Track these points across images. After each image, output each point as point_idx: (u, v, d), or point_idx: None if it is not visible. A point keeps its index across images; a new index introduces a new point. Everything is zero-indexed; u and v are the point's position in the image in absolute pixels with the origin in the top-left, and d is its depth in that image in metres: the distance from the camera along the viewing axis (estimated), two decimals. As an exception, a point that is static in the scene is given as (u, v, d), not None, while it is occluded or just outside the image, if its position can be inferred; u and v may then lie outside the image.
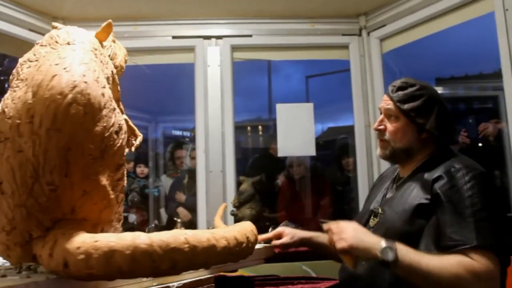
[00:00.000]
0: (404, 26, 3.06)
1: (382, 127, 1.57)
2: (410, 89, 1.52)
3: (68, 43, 1.16)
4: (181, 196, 4.18)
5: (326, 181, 4.31)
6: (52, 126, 0.98)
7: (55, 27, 1.26)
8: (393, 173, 1.71)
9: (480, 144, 3.44)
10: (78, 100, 1.00)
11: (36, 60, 1.09)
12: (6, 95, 1.06)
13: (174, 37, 3.26)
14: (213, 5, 3.11)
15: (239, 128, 3.93)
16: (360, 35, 3.30)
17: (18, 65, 1.12)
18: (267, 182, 3.64)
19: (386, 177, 1.76)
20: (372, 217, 1.57)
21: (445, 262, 1.25)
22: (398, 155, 1.56)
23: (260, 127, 6.03)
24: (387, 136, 1.55)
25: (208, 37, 3.24)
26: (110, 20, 1.29)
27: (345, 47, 3.31)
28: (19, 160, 0.98)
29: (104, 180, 1.08)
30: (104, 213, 1.12)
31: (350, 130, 3.59)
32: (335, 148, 5.37)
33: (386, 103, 1.57)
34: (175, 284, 1.19)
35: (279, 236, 1.76)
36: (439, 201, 1.35)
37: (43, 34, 3.02)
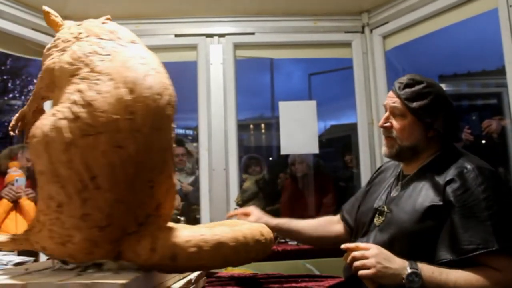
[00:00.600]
0: (407, 23, 3.05)
1: (388, 124, 1.54)
2: (417, 87, 1.48)
3: (132, 42, 1.16)
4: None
5: (328, 179, 4.31)
6: (153, 125, 1.00)
7: (47, 12, 1.26)
8: (394, 169, 1.68)
9: (483, 141, 3.43)
10: (171, 102, 1.05)
11: (108, 54, 1.08)
12: (83, 87, 1.02)
13: (176, 36, 3.26)
14: (215, 3, 3.11)
15: (241, 126, 3.93)
16: (363, 32, 3.29)
17: (82, 55, 1.07)
18: (270, 181, 3.65)
19: (386, 173, 1.73)
20: (377, 215, 1.54)
21: (472, 279, 1.26)
22: (405, 153, 1.53)
23: (262, 125, 6.04)
24: (394, 133, 1.53)
25: (210, 35, 3.24)
26: (108, 16, 1.28)
27: (348, 44, 3.31)
28: (120, 155, 0.97)
29: (175, 179, 1.14)
30: (172, 210, 1.18)
31: (352, 127, 3.58)
32: (337, 145, 5.36)
33: (392, 100, 1.53)
34: (192, 277, 1.23)
35: (246, 215, 1.74)
36: (453, 205, 1.34)
37: (46, 33, 3.04)
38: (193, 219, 3.58)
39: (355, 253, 1.32)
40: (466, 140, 3.33)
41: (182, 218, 2.85)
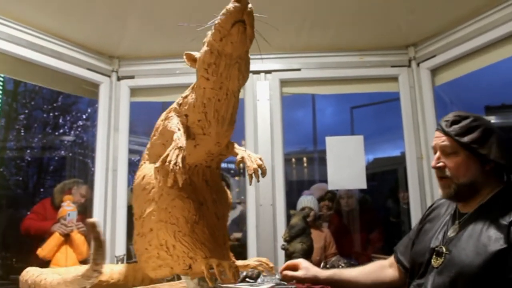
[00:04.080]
0: (455, 56, 3.00)
1: (441, 164, 1.49)
2: (464, 122, 1.45)
3: None
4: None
5: (375, 214, 4.22)
6: None
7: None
8: (449, 206, 1.61)
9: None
10: None
11: None
12: None
13: (224, 73, 3.31)
14: (261, 40, 3.15)
15: (284, 160, 3.90)
16: (409, 66, 3.27)
17: None
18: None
19: (440, 210, 1.66)
20: (434, 256, 1.47)
21: None
22: (463, 192, 1.46)
23: (305, 159, 6.02)
24: (448, 173, 1.47)
25: (257, 72, 3.28)
26: None
27: (394, 78, 3.28)
28: None
29: None
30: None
31: (398, 161, 3.52)
32: (382, 180, 5.26)
33: (440, 139, 1.49)
34: None
35: (294, 268, 1.67)
36: None
37: (100, 73, 3.19)
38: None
39: None
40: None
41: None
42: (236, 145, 1.44)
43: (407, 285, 1.60)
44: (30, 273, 1.52)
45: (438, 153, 1.51)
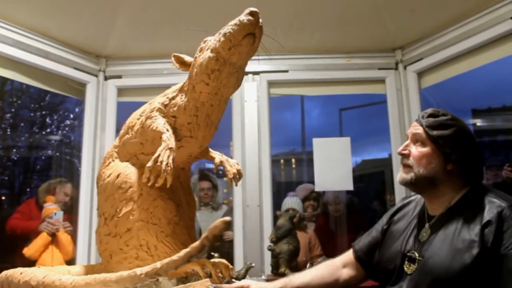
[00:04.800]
0: (441, 59, 3.03)
1: (406, 151, 1.50)
2: (441, 118, 1.46)
3: None
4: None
5: (361, 216, 4.23)
6: None
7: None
8: (416, 206, 1.59)
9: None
10: None
11: None
12: None
13: (211, 73, 3.31)
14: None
15: (272, 161, 3.91)
16: (396, 69, 3.29)
17: None
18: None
19: (407, 210, 1.62)
20: (407, 262, 1.45)
21: None
22: (421, 182, 1.45)
23: (293, 160, 6.03)
24: (410, 161, 1.47)
25: (245, 73, 3.27)
26: None
27: (382, 81, 3.30)
28: None
29: None
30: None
31: (385, 163, 3.53)
32: (370, 181, 5.29)
33: (415, 128, 1.51)
34: None
35: None
36: (494, 250, 1.28)
37: (87, 72, 3.16)
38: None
39: None
40: (507, 178, 3.23)
41: (216, 254, 2.83)
42: (210, 150, 1.46)
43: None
44: (30, 273, 1.32)
45: (408, 141, 1.52)
